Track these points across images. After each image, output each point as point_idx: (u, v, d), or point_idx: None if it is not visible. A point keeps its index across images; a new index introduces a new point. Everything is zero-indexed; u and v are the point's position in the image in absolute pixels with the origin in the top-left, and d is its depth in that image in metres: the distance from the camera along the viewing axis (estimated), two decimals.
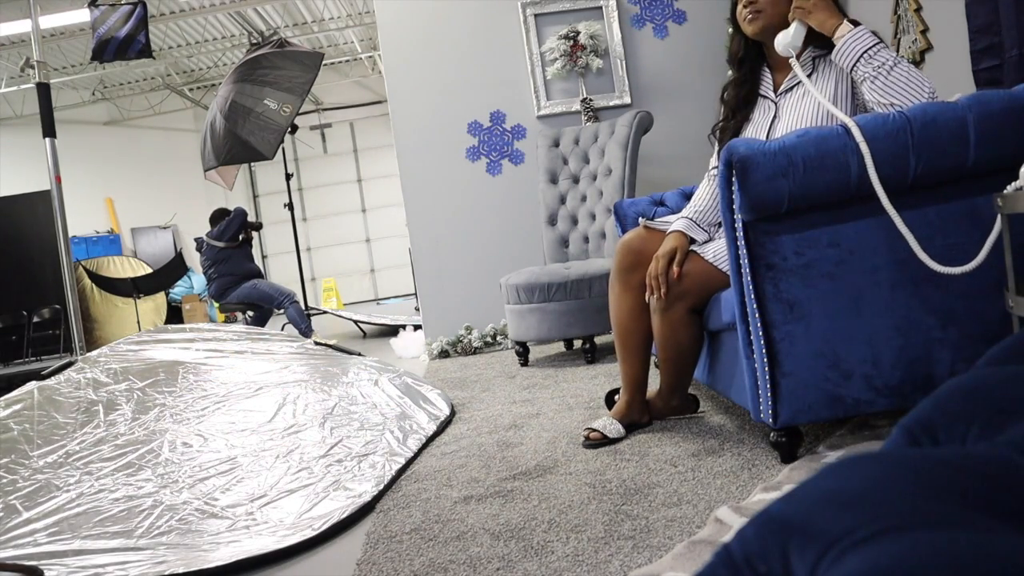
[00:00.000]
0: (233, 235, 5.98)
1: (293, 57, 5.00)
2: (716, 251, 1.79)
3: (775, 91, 1.89)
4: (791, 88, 1.84)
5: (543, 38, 4.22)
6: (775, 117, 1.86)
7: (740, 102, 1.93)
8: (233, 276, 5.92)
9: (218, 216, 6.16)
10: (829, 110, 1.66)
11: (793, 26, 1.66)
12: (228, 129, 4.84)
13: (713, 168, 2.07)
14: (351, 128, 13.21)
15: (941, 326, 1.50)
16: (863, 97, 1.66)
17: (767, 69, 1.92)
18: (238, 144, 4.87)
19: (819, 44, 1.77)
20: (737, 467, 1.61)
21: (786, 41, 1.66)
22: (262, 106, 4.82)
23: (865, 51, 1.60)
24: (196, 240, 6.10)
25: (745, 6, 1.82)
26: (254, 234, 6.27)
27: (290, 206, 6.56)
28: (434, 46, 4.24)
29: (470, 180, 4.24)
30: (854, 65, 1.62)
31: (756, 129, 1.90)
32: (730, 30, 2.00)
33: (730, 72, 1.98)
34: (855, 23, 1.65)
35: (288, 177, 6.51)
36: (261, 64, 4.95)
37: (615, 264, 1.99)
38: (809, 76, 1.79)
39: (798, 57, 1.74)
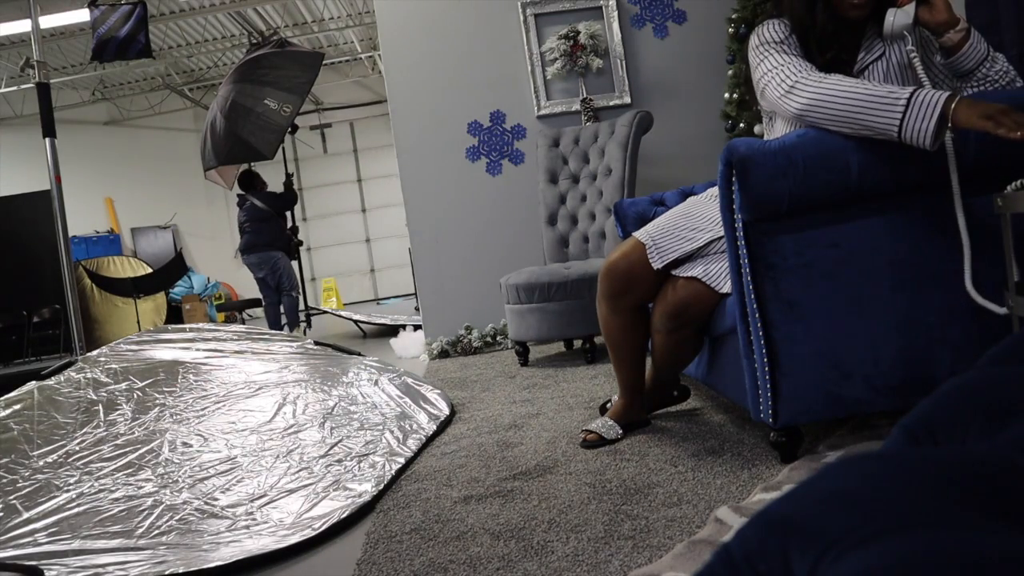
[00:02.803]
0: (280, 209, 6.11)
1: (293, 57, 5.01)
2: (714, 275, 1.71)
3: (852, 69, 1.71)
4: (868, 65, 1.67)
5: (543, 38, 4.22)
6: None
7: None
8: (270, 235, 6.02)
9: (250, 177, 6.16)
10: (916, 78, 1.53)
11: (907, 7, 1.52)
12: (228, 129, 4.84)
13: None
14: (351, 128, 13.21)
15: (941, 326, 1.50)
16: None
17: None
18: (238, 144, 4.87)
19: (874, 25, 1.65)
20: (737, 467, 1.61)
21: (905, 22, 1.51)
22: (262, 106, 4.82)
23: (985, 57, 1.54)
24: (239, 196, 6.11)
25: None
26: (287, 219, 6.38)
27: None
28: (434, 46, 4.24)
29: (470, 180, 4.24)
30: (973, 70, 1.54)
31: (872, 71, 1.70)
32: (771, 20, 1.71)
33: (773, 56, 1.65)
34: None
35: (288, 176, 6.54)
36: (261, 64, 4.95)
37: (602, 288, 1.88)
38: (881, 56, 1.66)
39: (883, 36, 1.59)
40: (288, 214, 6.30)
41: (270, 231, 6.02)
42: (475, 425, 2.36)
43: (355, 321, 6.57)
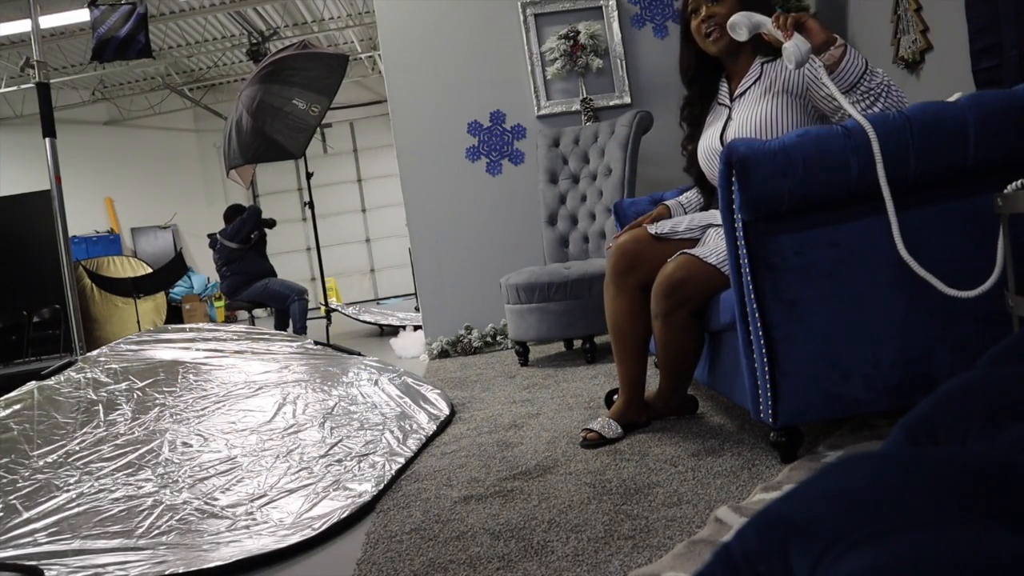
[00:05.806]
0: (246, 235, 5.99)
1: (318, 59, 5.02)
2: (718, 253, 1.79)
3: (731, 97, 1.96)
4: (743, 92, 1.90)
5: (543, 38, 4.22)
6: (728, 119, 1.92)
7: (700, 119, 2.03)
8: (246, 275, 5.95)
9: (232, 213, 6.16)
10: (794, 108, 1.79)
11: (796, 37, 1.63)
12: (256, 128, 4.83)
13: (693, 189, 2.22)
14: (351, 128, 13.20)
15: (941, 326, 1.50)
16: (838, 109, 1.69)
17: (723, 79, 2.00)
18: (266, 143, 4.87)
19: (765, 50, 1.87)
20: (737, 467, 1.61)
21: (799, 54, 1.62)
22: (291, 106, 4.83)
23: (864, 71, 1.61)
24: (209, 237, 6.07)
25: (703, 21, 1.87)
26: (267, 231, 6.28)
27: (310, 204, 6.59)
28: (434, 46, 4.24)
29: (470, 180, 4.24)
30: (855, 83, 1.61)
31: (710, 135, 1.96)
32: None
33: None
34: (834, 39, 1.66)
35: (309, 176, 6.57)
36: (288, 65, 4.96)
37: (610, 267, 1.99)
38: (757, 80, 1.88)
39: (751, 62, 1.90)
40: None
41: (248, 265, 5.93)
42: (475, 425, 2.36)
43: (364, 322, 6.72)
